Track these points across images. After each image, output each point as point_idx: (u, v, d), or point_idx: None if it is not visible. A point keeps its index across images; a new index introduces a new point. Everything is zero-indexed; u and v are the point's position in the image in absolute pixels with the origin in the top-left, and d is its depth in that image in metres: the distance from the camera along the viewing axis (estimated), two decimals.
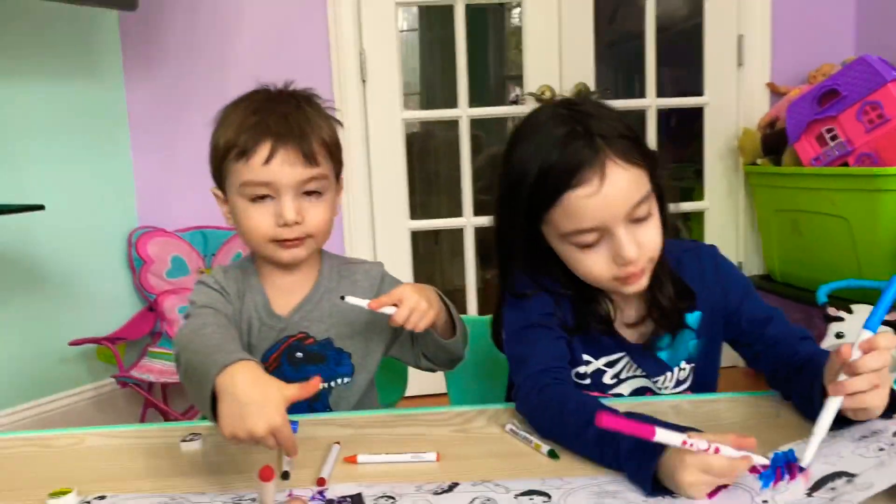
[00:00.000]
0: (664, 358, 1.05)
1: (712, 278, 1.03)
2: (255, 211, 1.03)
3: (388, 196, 2.68)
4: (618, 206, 0.89)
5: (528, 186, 0.92)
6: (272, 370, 1.09)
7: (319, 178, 1.03)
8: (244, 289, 1.11)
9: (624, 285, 0.95)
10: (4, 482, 0.87)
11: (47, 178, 2.36)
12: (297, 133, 1.00)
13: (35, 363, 2.38)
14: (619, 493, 0.76)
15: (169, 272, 2.57)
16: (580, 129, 0.90)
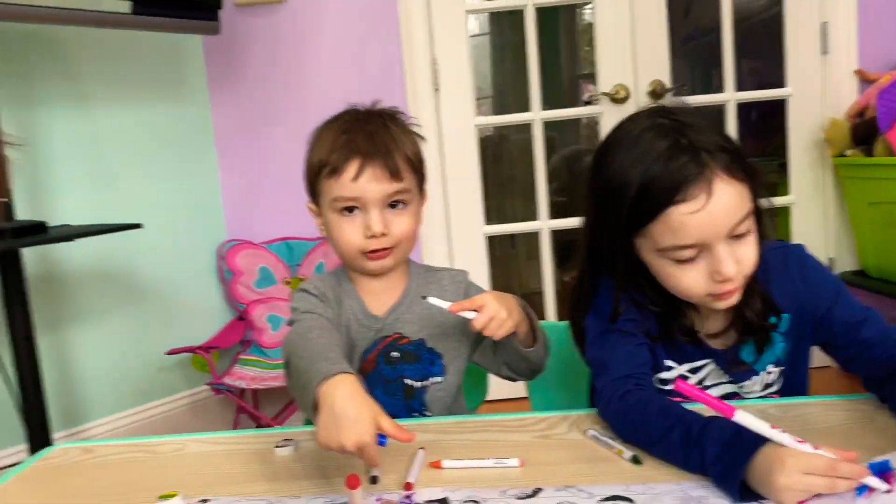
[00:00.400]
0: (750, 362, 1.03)
1: (799, 280, 1.00)
2: (346, 223, 1.10)
3: (463, 202, 2.71)
4: (722, 223, 0.87)
5: (627, 199, 0.90)
6: (370, 369, 1.14)
7: (404, 192, 1.10)
8: (341, 294, 1.17)
9: (717, 301, 0.93)
10: (115, 486, 0.94)
11: (142, 197, 2.50)
12: (382, 151, 1.07)
13: (135, 372, 2.53)
14: (705, 500, 0.75)
15: (257, 282, 2.67)
16: (685, 143, 0.88)
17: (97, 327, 2.42)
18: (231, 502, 0.85)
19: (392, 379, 1.14)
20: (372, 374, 1.14)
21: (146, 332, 2.54)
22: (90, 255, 2.37)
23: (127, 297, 2.50)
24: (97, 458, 1.04)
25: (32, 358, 1.88)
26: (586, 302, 1.05)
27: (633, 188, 0.89)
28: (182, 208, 2.64)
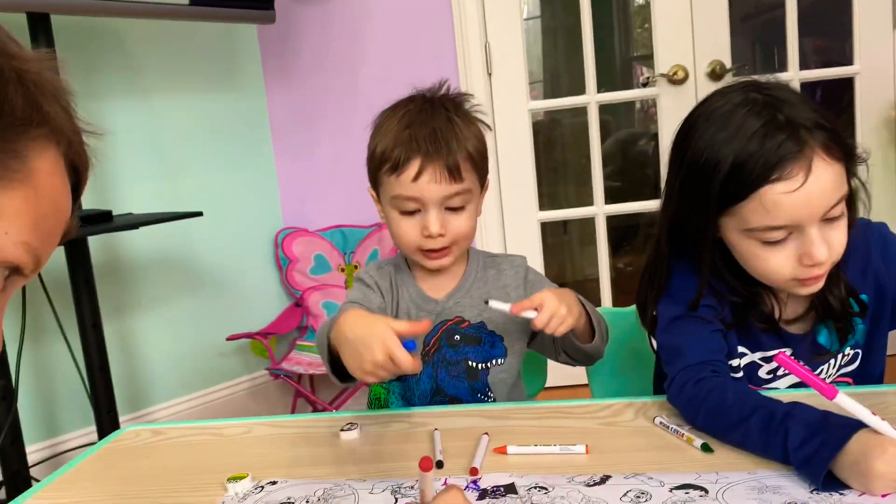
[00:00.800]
0: (825, 344, 1.00)
1: (880, 260, 0.96)
2: (405, 222, 1.10)
3: (516, 188, 2.69)
4: (818, 204, 0.84)
5: (719, 176, 0.87)
6: (433, 352, 1.16)
7: (463, 193, 1.08)
8: (398, 282, 1.18)
9: (801, 286, 0.90)
10: (185, 467, 0.96)
11: (202, 186, 2.56)
12: (444, 151, 1.06)
13: (196, 357, 2.59)
14: (782, 489, 0.73)
15: (312, 269, 2.71)
16: (782, 119, 0.85)
17: (160, 314, 2.49)
18: (299, 484, 0.86)
19: (455, 361, 1.14)
20: (436, 358, 1.15)
21: (206, 319, 2.60)
22: (153, 243, 2.44)
23: (188, 284, 2.57)
24: (167, 440, 1.07)
25: (100, 343, 1.94)
26: (660, 286, 1.02)
27: (725, 165, 0.86)
28: (240, 197, 2.69)
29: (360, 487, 0.83)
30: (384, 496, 0.80)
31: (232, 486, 0.86)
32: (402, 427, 1.02)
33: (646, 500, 0.73)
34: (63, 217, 0.54)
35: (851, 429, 0.72)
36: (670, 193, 0.98)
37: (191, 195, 2.51)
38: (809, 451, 0.73)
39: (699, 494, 0.74)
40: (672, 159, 0.97)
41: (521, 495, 0.77)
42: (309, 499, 0.82)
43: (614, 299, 2.80)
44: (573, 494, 0.76)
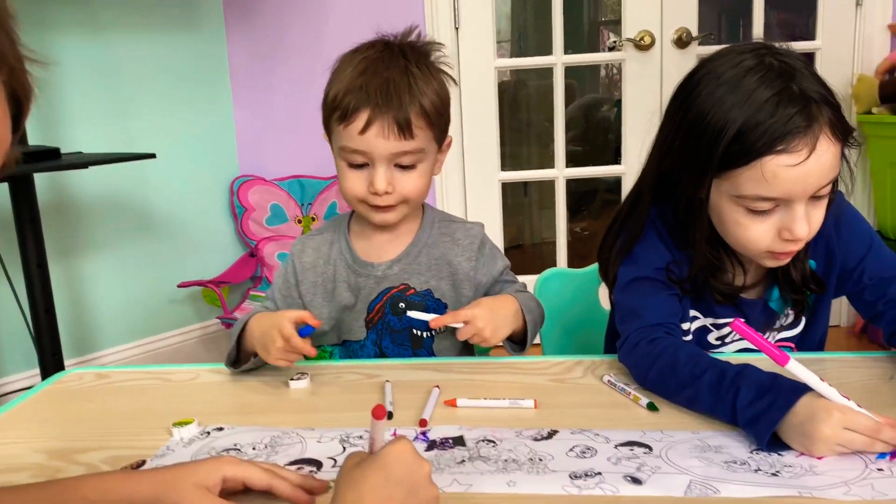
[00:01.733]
0: (776, 309, 1.02)
1: (833, 228, 0.98)
2: (352, 174, 1.05)
3: (479, 146, 2.67)
4: (815, 181, 0.84)
5: (723, 139, 0.85)
6: (377, 319, 1.13)
7: (414, 152, 1.03)
8: (334, 251, 1.16)
9: (773, 259, 0.91)
10: (129, 411, 0.95)
11: (155, 128, 2.48)
12: (395, 104, 1.00)
13: (146, 303, 2.54)
14: (723, 448, 0.75)
15: (268, 220, 2.67)
16: (795, 90, 0.83)
17: (109, 257, 2.43)
18: (246, 431, 0.85)
19: (399, 329, 1.13)
20: (380, 325, 1.13)
21: (158, 264, 2.55)
22: (103, 184, 2.36)
23: (139, 228, 2.50)
24: (111, 383, 1.05)
25: (45, 284, 1.89)
26: (631, 240, 1.01)
27: (732, 129, 0.84)
28: (195, 141, 2.61)
29: (307, 436, 0.83)
30: (332, 445, 0.80)
31: (177, 430, 0.85)
32: (353, 378, 1.01)
33: (591, 455, 0.75)
34: (2, 147, 0.52)
35: (799, 391, 0.74)
36: (666, 149, 0.95)
37: (144, 137, 2.43)
38: (758, 409, 0.75)
39: (643, 451, 0.75)
40: (671, 114, 0.94)
41: (470, 447, 0.77)
42: (256, 446, 0.81)
43: (569, 263, 2.82)
44: (520, 448, 0.77)
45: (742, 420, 0.77)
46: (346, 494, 0.59)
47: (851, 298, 1.01)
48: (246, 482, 0.67)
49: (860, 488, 0.66)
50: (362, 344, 1.14)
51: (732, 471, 0.70)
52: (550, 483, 0.69)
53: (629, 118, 2.65)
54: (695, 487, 0.67)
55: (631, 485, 0.68)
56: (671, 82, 0.97)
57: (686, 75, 0.94)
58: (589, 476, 0.70)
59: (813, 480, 0.68)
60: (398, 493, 0.59)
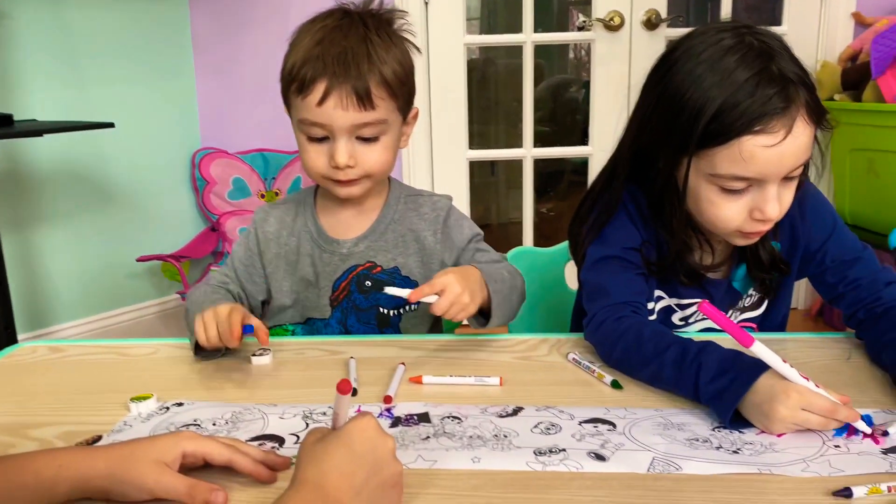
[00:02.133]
0: (739, 289, 1.03)
1: (797, 211, 0.99)
2: (312, 148, 1.02)
3: (447, 124, 2.65)
4: (789, 163, 0.85)
5: (702, 118, 0.84)
6: (343, 297, 1.12)
7: (375, 124, 1.00)
8: (299, 224, 1.13)
9: (742, 238, 0.92)
10: (85, 386, 0.92)
11: (114, 96, 2.40)
12: (353, 74, 0.96)
13: (103, 277, 2.48)
14: (686, 426, 0.76)
15: (230, 193, 2.62)
16: (775, 71, 0.83)
17: (64, 229, 2.36)
18: (206, 406, 0.84)
19: (365, 308, 1.11)
20: (345, 303, 1.11)
21: (115, 237, 2.48)
22: (59, 153, 2.29)
23: (96, 199, 2.43)
24: (67, 357, 1.02)
25: None
26: (598, 224, 1.01)
27: (711, 108, 0.84)
28: (156, 111, 2.54)
29: (270, 412, 0.81)
30: (295, 421, 0.79)
31: (135, 406, 0.83)
32: (316, 354, 1.00)
33: (555, 431, 0.75)
34: None
35: (760, 369, 0.75)
36: (642, 126, 0.94)
37: (102, 105, 2.36)
38: (720, 386, 0.76)
39: (607, 428, 0.75)
40: (648, 90, 0.93)
41: (435, 424, 0.77)
42: (216, 421, 0.80)
43: (535, 243, 2.83)
44: (485, 425, 0.76)
45: (704, 396, 0.77)
46: (307, 470, 0.58)
47: (813, 280, 1.02)
48: (206, 458, 0.66)
49: (818, 465, 0.67)
50: (327, 322, 1.13)
51: (694, 448, 0.71)
52: (515, 459, 0.69)
53: (597, 99, 2.65)
54: (657, 464, 0.68)
55: (595, 461, 0.68)
56: (639, 64, 0.96)
57: (665, 51, 0.93)
58: (553, 452, 0.70)
59: (772, 458, 0.69)
60: (361, 469, 0.58)
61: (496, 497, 0.63)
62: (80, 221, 2.40)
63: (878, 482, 0.62)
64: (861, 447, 0.71)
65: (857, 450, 0.70)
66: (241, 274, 1.13)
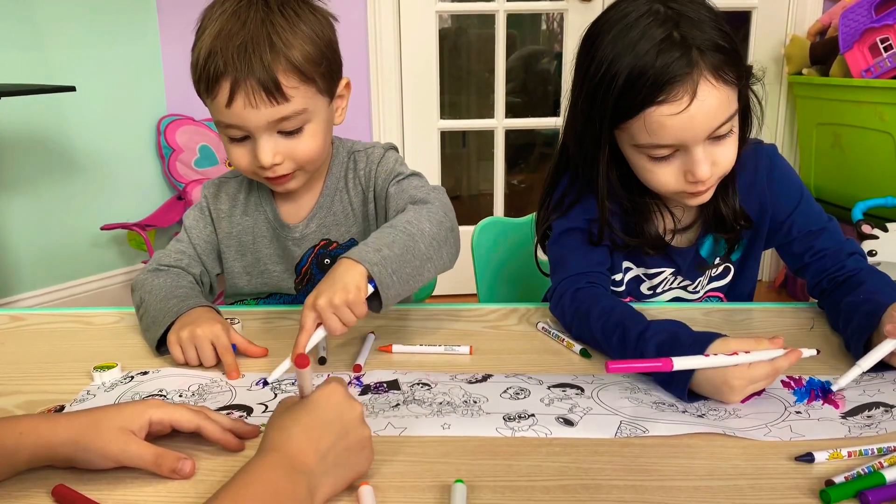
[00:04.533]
0: (706, 256, 1.04)
1: (766, 180, 1.00)
2: (236, 149, 0.95)
3: (418, 93, 2.63)
4: (702, 126, 0.84)
5: (614, 90, 0.85)
6: (307, 281, 1.10)
7: (293, 116, 0.92)
8: (253, 202, 1.08)
9: (689, 198, 0.92)
10: (50, 354, 0.90)
11: (75, 59, 2.34)
12: (256, 67, 0.87)
13: (68, 246, 2.43)
14: (652, 391, 0.76)
15: (197, 161, 2.57)
16: (677, 37, 0.83)
17: (25, 196, 2.30)
18: (172, 376, 0.82)
19: None
20: (308, 287, 1.09)
21: (79, 205, 2.43)
22: (18, 117, 2.23)
23: (58, 166, 2.37)
24: (28, 326, 1.00)
25: None
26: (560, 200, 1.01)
27: (620, 79, 0.84)
28: (119, 75, 2.48)
29: (237, 384, 0.81)
30: (263, 392, 0.78)
31: (98, 375, 0.81)
32: (287, 324, 0.99)
33: (524, 396, 0.75)
34: None
35: (700, 346, 0.74)
36: (573, 103, 0.95)
37: (63, 69, 2.29)
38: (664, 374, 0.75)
39: (575, 392, 0.76)
40: (576, 67, 0.94)
41: (404, 391, 0.77)
42: (182, 393, 0.79)
43: (506, 215, 2.83)
44: (455, 391, 0.77)
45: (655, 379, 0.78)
46: (274, 437, 0.57)
47: (780, 250, 1.04)
48: (174, 424, 0.65)
49: (779, 430, 0.68)
50: (293, 299, 1.11)
51: (661, 410, 0.72)
52: (484, 425, 0.69)
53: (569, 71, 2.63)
54: (625, 428, 0.69)
55: (563, 426, 0.69)
56: None
57: (589, 26, 0.93)
58: (522, 418, 0.70)
59: (736, 422, 0.70)
60: (329, 434, 0.58)
61: (465, 463, 0.64)
62: (42, 189, 2.34)
63: (839, 447, 0.64)
64: (821, 412, 0.72)
65: (818, 415, 0.71)
66: (201, 251, 1.07)
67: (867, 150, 2.28)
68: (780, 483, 0.60)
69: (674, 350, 0.75)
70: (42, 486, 0.61)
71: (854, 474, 0.60)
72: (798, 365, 0.76)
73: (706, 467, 0.63)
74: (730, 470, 0.62)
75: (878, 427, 0.68)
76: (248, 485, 0.53)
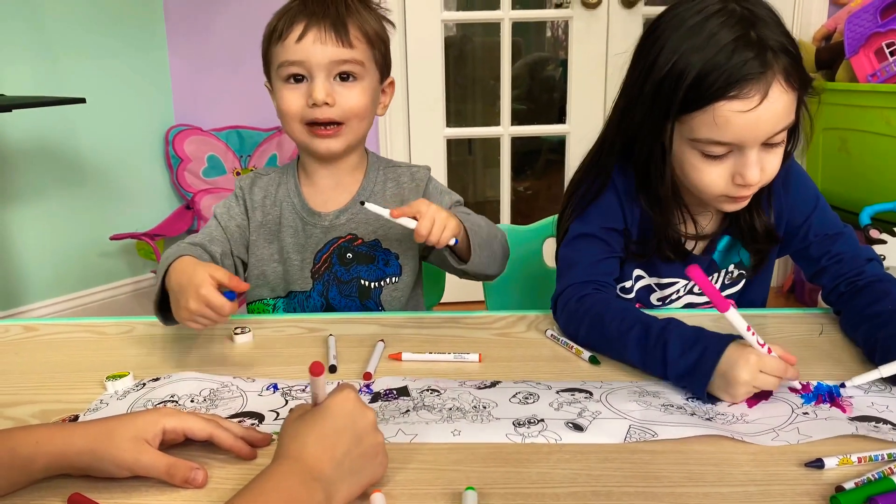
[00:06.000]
0: (716, 259, 1.04)
1: (781, 186, 1.00)
2: (289, 91, 1.02)
3: (424, 101, 2.63)
4: (766, 128, 0.85)
5: (683, 83, 0.85)
6: (324, 270, 1.11)
7: (353, 62, 1.01)
8: (281, 193, 1.13)
9: (729, 203, 0.93)
10: (64, 364, 0.91)
11: (86, 71, 2.35)
12: (332, 13, 1.00)
13: (77, 256, 2.45)
14: (661, 394, 0.77)
15: (205, 171, 2.58)
16: (753, 37, 0.83)
17: (36, 207, 2.32)
18: (183, 380, 0.83)
19: (347, 280, 1.11)
20: (326, 276, 1.11)
21: (89, 215, 2.45)
22: (30, 129, 2.24)
23: (68, 177, 2.39)
24: (40, 336, 1.01)
25: None
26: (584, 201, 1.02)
27: (692, 73, 0.84)
28: (128, 87, 2.49)
29: (248, 389, 0.81)
30: (274, 398, 0.79)
31: (111, 384, 0.82)
32: (296, 332, 1.00)
33: (533, 400, 0.76)
34: None
35: (724, 340, 0.76)
36: (630, 97, 0.94)
37: (73, 80, 2.31)
38: (689, 361, 0.77)
39: (584, 396, 0.76)
40: (636, 62, 0.94)
41: (414, 397, 0.77)
42: (194, 398, 0.79)
43: (512, 221, 2.84)
44: (464, 396, 0.77)
45: (674, 372, 0.78)
46: (288, 445, 0.58)
47: (796, 255, 1.04)
48: (187, 433, 0.66)
49: (787, 433, 0.69)
50: (308, 295, 1.12)
51: (669, 413, 0.73)
52: (494, 431, 0.70)
53: (574, 78, 2.65)
54: (634, 432, 0.69)
55: (573, 432, 0.69)
56: (617, 42, 0.97)
57: (652, 22, 0.94)
58: (532, 423, 0.71)
59: (744, 427, 0.70)
60: (342, 441, 0.58)
61: (476, 470, 0.64)
62: (52, 199, 2.36)
63: (849, 453, 0.64)
64: (829, 413, 0.72)
65: (825, 415, 0.72)
66: (230, 233, 1.10)
67: (874, 155, 2.27)
68: (790, 489, 0.61)
69: (701, 339, 0.78)
70: (58, 494, 0.62)
71: (864, 480, 0.60)
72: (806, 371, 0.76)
73: (716, 473, 0.63)
74: (740, 476, 0.63)
75: (886, 437, 0.68)
76: (264, 492, 0.53)
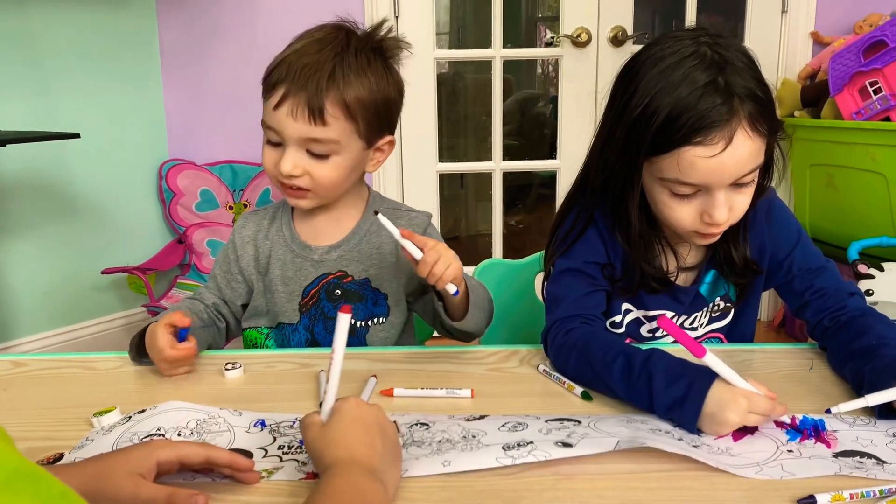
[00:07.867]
0: (703, 293, 1.05)
1: (763, 221, 1.02)
2: (268, 150, 1.04)
3: (417, 137, 2.66)
4: (731, 172, 0.87)
5: (652, 125, 0.87)
6: (312, 304, 1.11)
7: (326, 142, 1.00)
8: (273, 227, 1.14)
9: (699, 239, 0.95)
10: (53, 400, 0.90)
11: (79, 106, 2.37)
12: (311, 87, 0.97)
13: (68, 289, 2.44)
14: (648, 420, 0.78)
15: (198, 205, 2.59)
16: (721, 83, 0.85)
17: (28, 240, 2.32)
18: (169, 411, 0.82)
19: (333, 316, 1.10)
20: (313, 310, 1.11)
21: (80, 249, 2.44)
22: (22, 163, 2.25)
23: (61, 210, 2.39)
24: (30, 372, 1.00)
25: None
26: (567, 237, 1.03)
27: (662, 114, 0.86)
28: (122, 122, 2.51)
29: (235, 424, 0.80)
30: (262, 436, 0.78)
31: (97, 420, 0.81)
32: (287, 367, 0.99)
33: (522, 428, 0.76)
34: None
35: (710, 375, 0.76)
36: (608, 135, 0.95)
37: (67, 115, 2.32)
38: (676, 394, 0.77)
39: (573, 424, 0.77)
40: (612, 100, 0.95)
41: (403, 433, 0.77)
42: (181, 431, 0.79)
43: (504, 255, 2.85)
44: (453, 428, 0.77)
45: (661, 404, 0.78)
46: (331, 454, 0.61)
47: (780, 290, 1.05)
48: (182, 460, 0.66)
49: (771, 468, 0.69)
50: (295, 328, 1.12)
51: (657, 434, 0.73)
52: (484, 456, 0.69)
53: (565, 114, 2.68)
54: (623, 445, 0.69)
55: (562, 448, 0.69)
56: (606, 79, 0.98)
57: (628, 60, 0.95)
58: (521, 446, 0.71)
59: (729, 460, 0.70)
60: (376, 437, 0.64)
61: None
62: (45, 233, 2.35)
63: (841, 489, 0.64)
64: (813, 451, 0.72)
65: (809, 454, 0.72)
66: (220, 281, 1.15)
67: (861, 191, 2.30)
68: None
69: (687, 371, 0.78)
70: None
71: None
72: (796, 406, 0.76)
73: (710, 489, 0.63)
74: None
75: (869, 472, 0.68)
76: (340, 493, 0.57)
